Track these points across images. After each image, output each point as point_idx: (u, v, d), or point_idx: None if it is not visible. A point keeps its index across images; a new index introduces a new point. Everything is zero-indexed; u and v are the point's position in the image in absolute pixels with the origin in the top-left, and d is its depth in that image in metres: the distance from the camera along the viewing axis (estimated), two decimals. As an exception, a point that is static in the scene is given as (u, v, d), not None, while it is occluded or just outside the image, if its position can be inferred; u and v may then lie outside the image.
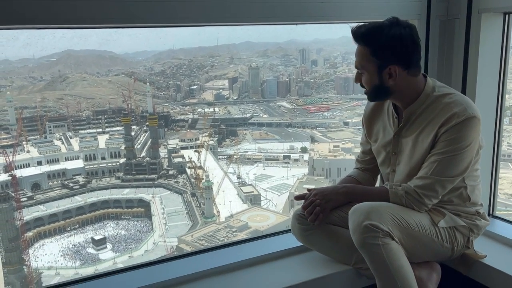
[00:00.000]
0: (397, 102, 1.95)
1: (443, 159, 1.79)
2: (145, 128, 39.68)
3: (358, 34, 1.81)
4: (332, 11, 2.25)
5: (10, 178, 30.68)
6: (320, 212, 1.96)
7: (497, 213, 2.58)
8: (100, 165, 36.15)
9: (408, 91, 1.88)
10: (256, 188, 34.62)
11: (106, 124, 39.48)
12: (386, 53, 1.79)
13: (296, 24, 2.33)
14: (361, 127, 2.24)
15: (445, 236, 1.90)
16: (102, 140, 37.19)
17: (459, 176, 1.83)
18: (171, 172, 36.35)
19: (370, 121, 2.10)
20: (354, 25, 1.86)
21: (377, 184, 2.22)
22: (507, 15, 2.34)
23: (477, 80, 2.36)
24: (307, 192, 2.05)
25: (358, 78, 1.90)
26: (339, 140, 35.92)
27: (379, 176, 2.19)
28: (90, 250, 30.45)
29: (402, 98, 1.91)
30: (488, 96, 2.43)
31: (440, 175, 1.80)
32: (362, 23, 1.84)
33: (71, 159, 35.68)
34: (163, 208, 33.46)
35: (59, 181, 34.16)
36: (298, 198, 2.07)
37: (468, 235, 1.95)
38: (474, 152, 1.83)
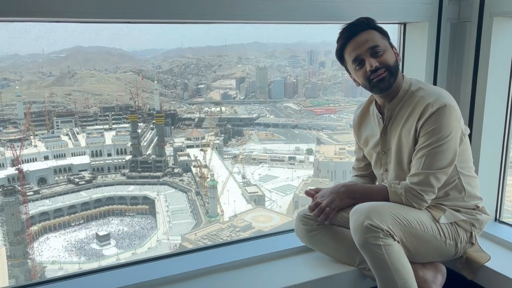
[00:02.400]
0: (383, 98, 1.96)
1: (429, 152, 1.80)
2: (151, 125, 39.82)
3: (365, 22, 1.89)
4: (342, 12, 2.24)
5: (17, 172, 30.93)
6: (329, 212, 1.97)
7: (504, 220, 2.55)
8: (106, 162, 36.33)
9: (398, 79, 1.92)
10: (260, 188, 34.63)
11: (113, 121, 39.66)
12: (387, 36, 1.92)
13: (306, 23, 2.32)
14: None
15: (447, 233, 1.90)
16: (108, 137, 37.37)
17: (449, 166, 1.84)
18: (176, 170, 36.45)
19: (359, 126, 2.16)
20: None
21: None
22: (519, 20, 2.32)
23: (487, 84, 2.35)
24: (315, 190, 2.08)
25: (379, 60, 1.84)
26: (345, 143, 35.87)
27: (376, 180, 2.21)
28: (94, 246, 30.62)
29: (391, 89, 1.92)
30: (498, 100, 2.41)
31: (431, 168, 1.81)
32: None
33: (77, 155, 35.89)
34: (167, 206, 33.56)
35: (65, 176, 34.38)
36: (308, 193, 2.08)
37: (470, 230, 1.95)
38: (458, 140, 1.84)
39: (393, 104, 1.94)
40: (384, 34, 1.91)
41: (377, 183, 2.18)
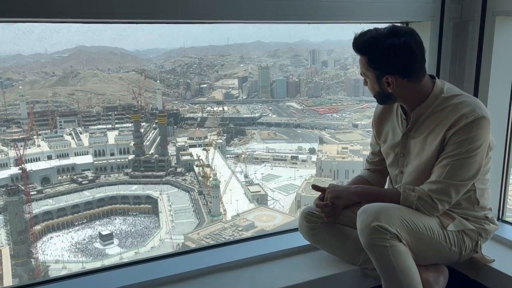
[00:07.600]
0: (404, 105, 1.94)
1: (455, 162, 1.77)
2: (154, 125, 39.91)
3: (356, 44, 1.82)
4: (345, 12, 2.23)
5: (20, 171, 31.05)
6: (332, 210, 1.97)
7: (507, 219, 2.55)
8: (109, 161, 36.45)
9: (412, 95, 1.87)
10: (263, 188, 34.65)
11: (116, 121, 39.78)
12: (381, 64, 1.80)
13: (309, 23, 2.32)
14: (370, 129, 2.23)
15: (453, 240, 1.88)
16: (111, 136, 37.49)
17: (472, 180, 1.81)
18: (179, 170, 36.52)
19: (379, 122, 2.09)
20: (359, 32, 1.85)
21: (386, 185, 2.21)
22: (522, 19, 2.31)
23: (490, 84, 2.34)
24: (324, 187, 2.04)
25: (365, 82, 1.93)
26: (347, 142, 35.79)
27: (388, 177, 2.18)
28: (97, 245, 30.71)
29: (407, 101, 1.91)
30: (501, 100, 2.40)
31: (453, 179, 1.78)
32: (366, 30, 1.82)
33: (80, 154, 36.02)
34: (170, 205, 33.62)
35: (68, 176, 34.51)
36: (315, 187, 2.06)
37: (477, 239, 1.94)
38: (485, 153, 1.81)
39: (422, 109, 1.87)
40: (371, 61, 1.80)
41: (387, 180, 2.16)
